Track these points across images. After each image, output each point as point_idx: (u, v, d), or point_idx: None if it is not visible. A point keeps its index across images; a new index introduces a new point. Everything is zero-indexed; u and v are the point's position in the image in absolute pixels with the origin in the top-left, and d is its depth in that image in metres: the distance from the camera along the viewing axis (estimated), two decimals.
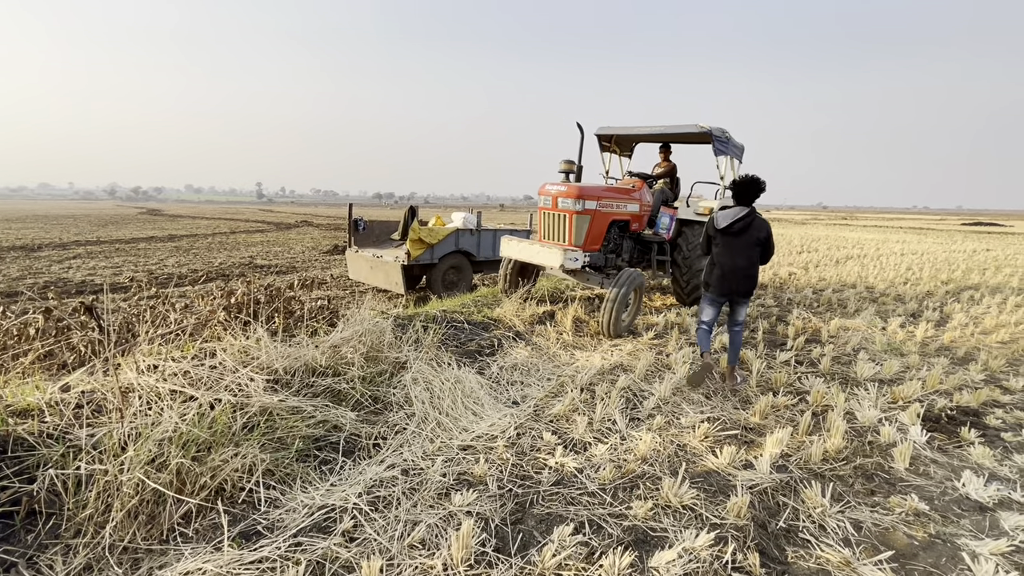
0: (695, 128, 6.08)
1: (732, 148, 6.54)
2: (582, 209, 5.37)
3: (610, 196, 5.79)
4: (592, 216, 5.48)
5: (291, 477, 2.47)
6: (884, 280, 9.27)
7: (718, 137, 6.07)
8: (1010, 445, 3.13)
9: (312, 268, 11.85)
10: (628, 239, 6.35)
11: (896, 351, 4.92)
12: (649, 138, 7.12)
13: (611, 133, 6.95)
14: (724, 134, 6.24)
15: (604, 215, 5.64)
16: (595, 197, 5.52)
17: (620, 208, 5.89)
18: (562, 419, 3.29)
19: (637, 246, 6.57)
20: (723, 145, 6.25)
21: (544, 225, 5.74)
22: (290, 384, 3.01)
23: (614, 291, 5.03)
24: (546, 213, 5.68)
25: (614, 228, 5.97)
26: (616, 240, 6.13)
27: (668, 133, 6.60)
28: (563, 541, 2.09)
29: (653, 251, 6.54)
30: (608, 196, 5.75)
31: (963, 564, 2.09)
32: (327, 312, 4.45)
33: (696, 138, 6.56)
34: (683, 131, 6.25)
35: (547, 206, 5.63)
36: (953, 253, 15.36)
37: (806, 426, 3.20)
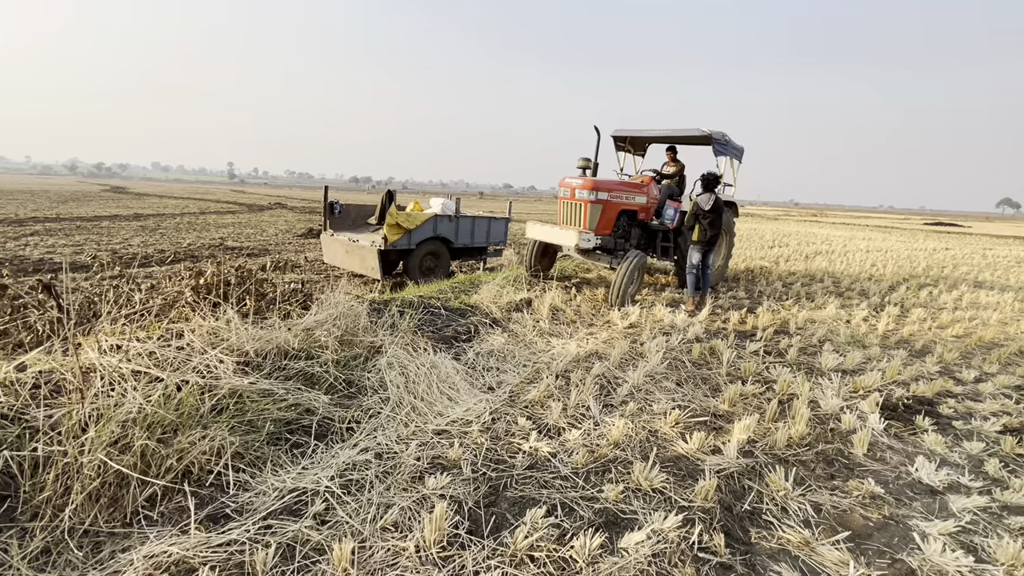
0: (697, 131, 6.91)
1: (731, 150, 7.38)
2: (595, 199, 6.29)
3: (620, 189, 6.66)
4: (604, 205, 6.38)
5: (261, 460, 2.44)
6: (850, 275, 9.58)
7: (717, 140, 6.92)
8: (960, 433, 3.30)
9: (286, 251, 11.58)
10: (636, 227, 7.12)
11: (859, 343, 5.11)
12: (658, 139, 7.95)
13: (625, 135, 7.85)
14: (724, 137, 7.06)
15: (614, 205, 6.51)
16: (607, 189, 6.43)
17: (629, 199, 6.73)
18: (537, 405, 3.31)
19: (644, 233, 7.30)
20: (722, 147, 7.09)
21: (563, 212, 6.71)
22: (261, 367, 2.94)
23: (621, 269, 5.95)
24: (565, 202, 6.62)
25: (623, 217, 6.79)
26: (625, 227, 6.93)
27: (674, 135, 7.44)
28: (535, 523, 2.12)
29: (658, 238, 7.34)
30: (618, 189, 6.63)
31: (914, 544, 2.20)
32: (301, 295, 4.36)
33: (698, 140, 7.36)
34: (687, 134, 7.11)
35: (566, 196, 6.56)
36: (915, 251, 15.97)
37: (772, 413, 3.30)
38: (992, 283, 9.70)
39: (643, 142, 8.28)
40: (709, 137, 6.89)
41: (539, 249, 7.35)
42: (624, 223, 6.88)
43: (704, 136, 6.95)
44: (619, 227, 6.82)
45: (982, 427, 3.34)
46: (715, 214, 6.06)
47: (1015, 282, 10.04)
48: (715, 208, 6.04)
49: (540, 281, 7.07)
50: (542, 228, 6.83)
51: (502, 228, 9.17)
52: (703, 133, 6.88)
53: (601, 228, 6.46)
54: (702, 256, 6.22)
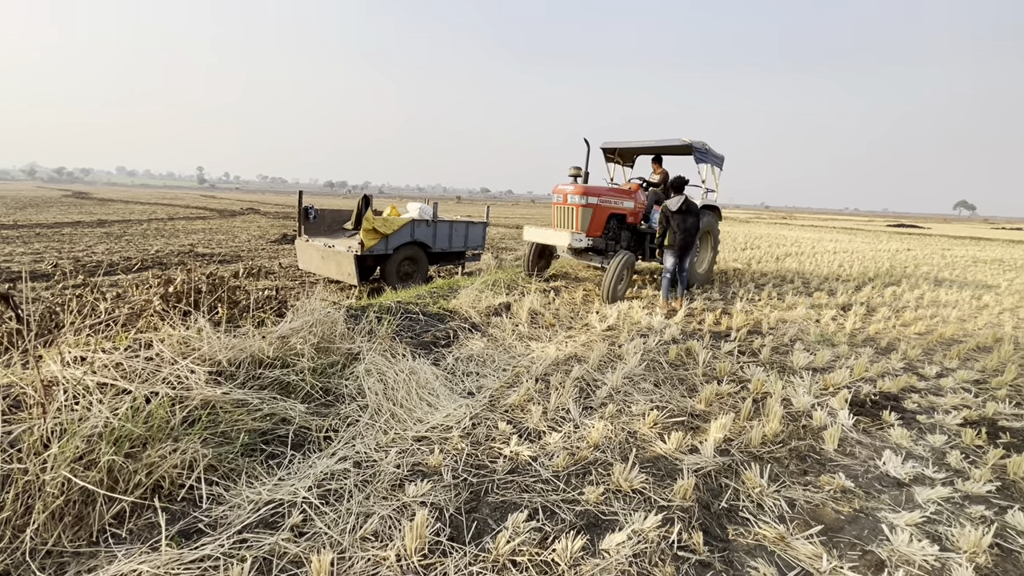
0: (679, 142, 7.44)
1: (712, 158, 7.96)
2: (586, 203, 6.79)
3: (609, 194, 7.17)
4: (594, 209, 6.90)
5: (236, 472, 2.38)
6: (819, 276, 9.88)
7: (698, 149, 7.47)
8: (924, 426, 3.43)
9: (259, 257, 11.33)
10: (625, 230, 7.64)
11: (828, 342, 5.27)
12: (644, 150, 8.43)
13: (614, 147, 8.40)
14: (704, 146, 7.62)
15: (604, 209, 7.04)
16: (597, 194, 6.94)
17: (617, 204, 7.25)
18: (517, 409, 3.31)
19: (633, 236, 7.81)
20: (702, 155, 7.65)
21: (557, 216, 7.22)
22: (235, 376, 2.88)
23: (611, 268, 6.43)
24: (558, 207, 7.15)
25: (613, 220, 7.32)
26: (615, 230, 7.44)
27: (659, 146, 7.96)
28: (517, 527, 2.12)
29: (646, 240, 7.81)
30: (607, 194, 7.15)
31: (883, 535, 2.27)
32: (275, 302, 4.27)
33: (680, 150, 7.85)
34: (670, 144, 7.64)
35: (559, 201, 7.11)
36: (879, 252, 16.56)
37: (747, 412, 3.38)
38: (951, 282, 10.12)
39: (631, 153, 8.74)
40: (690, 147, 7.41)
41: (536, 251, 7.92)
42: (614, 226, 7.39)
43: (685, 146, 7.47)
44: (609, 230, 7.32)
45: (944, 420, 3.48)
46: (685, 216, 6.09)
47: (972, 280, 10.50)
48: (686, 210, 6.09)
49: (533, 280, 7.42)
50: (538, 231, 7.32)
51: (480, 232, 9.17)
52: (684, 143, 7.39)
53: (592, 230, 6.96)
54: (676, 259, 6.28)
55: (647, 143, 8.01)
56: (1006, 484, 2.75)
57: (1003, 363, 4.76)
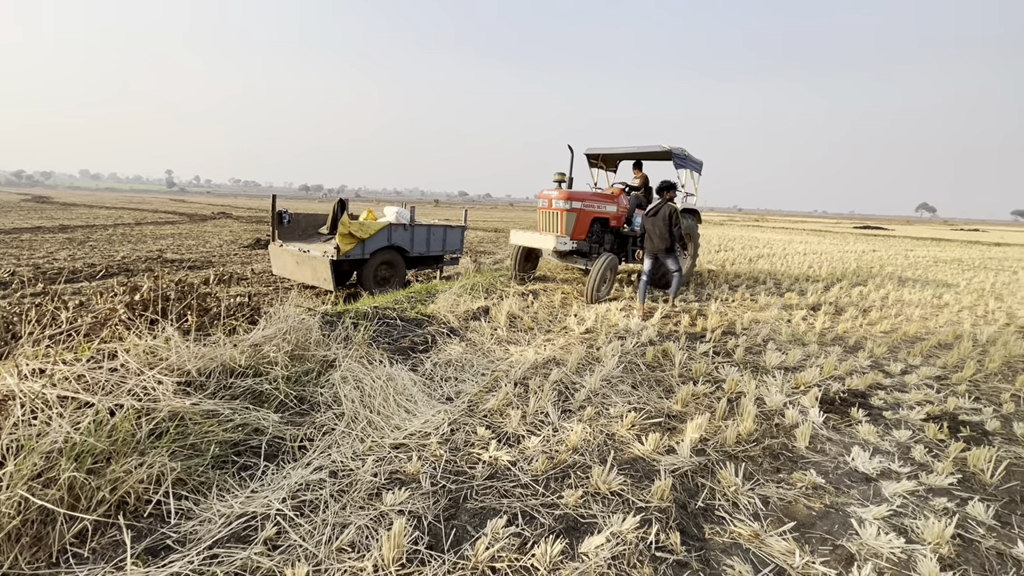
0: (658, 147, 7.74)
1: (691, 163, 8.30)
2: (570, 208, 7.02)
3: (592, 199, 7.42)
4: (578, 214, 7.12)
5: (206, 485, 2.31)
6: (790, 276, 10.15)
7: (677, 154, 7.81)
8: (890, 422, 3.54)
9: (231, 263, 11.07)
10: (609, 233, 7.88)
11: (799, 341, 5.41)
12: (626, 156, 8.75)
13: (597, 152, 8.72)
14: (683, 152, 7.95)
15: (587, 213, 7.27)
16: (580, 199, 7.17)
17: (601, 208, 7.49)
18: (496, 413, 3.31)
19: (616, 239, 8.05)
20: (682, 160, 8.01)
21: (542, 220, 7.44)
22: (205, 386, 2.80)
23: (594, 270, 6.66)
24: (543, 211, 7.36)
25: (596, 224, 7.55)
26: (599, 233, 7.67)
27: (640, 152, 8.30)
28: (496, 534, 2.11)
29: (629, 243, 8.05)
30: (591, 199, 7.39)
31: (852, 529, 2.34)
32: (247, 309, 4.18)
33: (660, 156, 8.20)
34: (651, 150, 7.96)
35: (544, 206, 7.32)
36: (846, 253, 17.09)
37: (722, 412, 3.44)
38: (914, 281, 10.52)
39: (614, 159, 9.07)
40: (670, 152, 7.76)
41: (523, 254, 8.19)
42: (597, 229, 7.63)
43: (665, 152, 7.80)
44: (593, 233, 7.56)
45: (909, 416, 3.60)
46: (654, 220, 6.20)
47: (933, 280, 10.92)
48: (655, 214, 6.20)
49: (512, 284, 7.54)
50: (524, 234, 7.57)
51: (458, 236, 9.14)
52: (664, 149, 7.71)
53: (576, 234, 7.20)
54: (652, 262, 6.44)
55: (629, 149, 8.34)
56: (966, 476, 2.86)
57: (962, 359, 4.96)
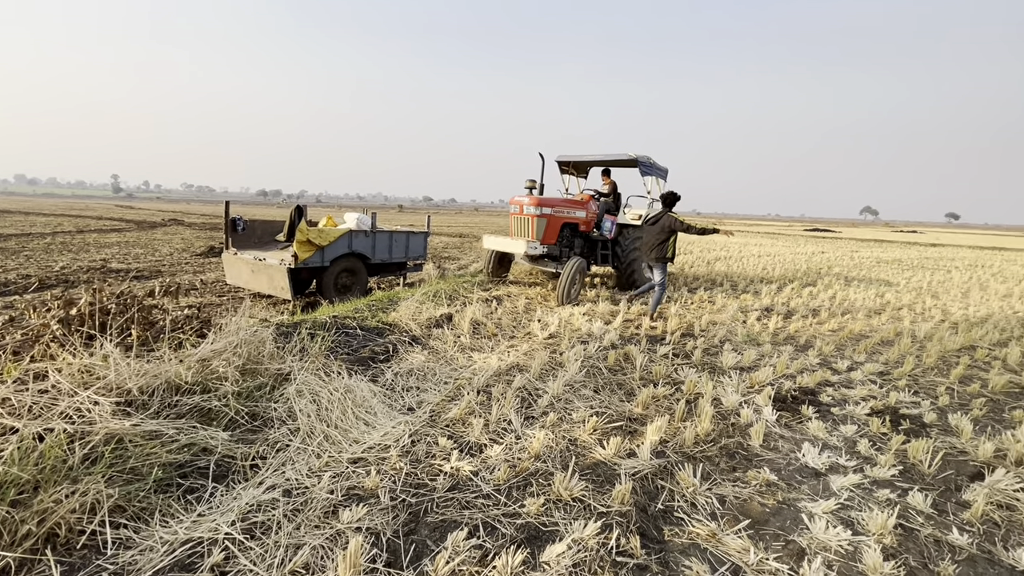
0: (625, 156, 8.19)
1: (656, 170, 8.66)
2: (540, 214, 7.25)
3: (562, 205, 7.73)
4: (548, 219, 7.38)
5: (148, 511, 2.18)
6: (745, 278, 10.52)
7: (643, 162, 8.20)
8: (837, 418, 3.70)
9: (183, 272, 10.58)
10: (578, 237, 8.24)
11: (754, 342, 5.60)
12: (595, 163, 9.12)
13: (568, 160, 8.98)
14: (648, 160, 8.34)
15: (557, 218, 7.54)
16: (550, 205, 7.45)
17: (570, 214, 7.80)
18: (458, 423, 3.27)
19: (586, 243, 8.42)
20: (647, 168, 8.38)
21: (514, 225, 7.66)
22: (147, 405, 2.65)
23: (564, 273, 6.94)
24: (515, 217, 7.58)
25: (566, 228, 7.86)
26: (569, 238, 8.02)
27: (608, 160, 8.69)
28: (457, 547, 2.08)
29: (598, 247, 8.47)
30: (561, 205, 7.69)
31: (803, 524, 2.42)
32: (197, 322, 3.98)
33: (627, 163, 8.53)
34: (618, 158, 8.39)
35: (516, 212, 7.54)
36: (797, 255, 17.87)
37: (681, 413, 3.51)
38: (859, 281, 11.08)
39: (584, 166, 9.43)
40: (635, 160, 8.16)
41: (496, 258, 8.52)
42: (567, 234, 7.97)
43: (631, 160, 8.20)
44: (563, 237, 7.89)
45: (854, 411, 3.78)
46: (656, 229, 6.29)
47: (876, 279, 11.55)
48: (658, 223, 6.28)
49: (475, 290, 7.50)
50: (496, 239, 7.85)
51: (421, 242, 9.03)
52: (630, 157, 8.14)
53: (547, 238, 7.45)
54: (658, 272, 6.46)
55: (597, 156, 8.69)
56: (907, 467, 3.01)
57: (903, 355, 5.25)
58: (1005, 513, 2.59)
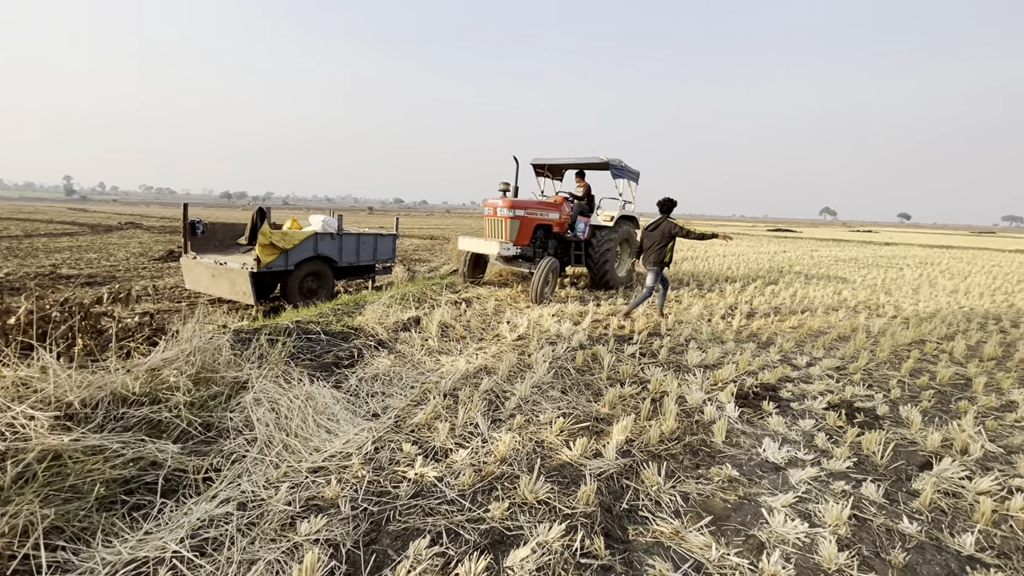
0: (597, 159, 8.40)
1: (627, 173, 8.99)
2: (513, 216, 7.45)
3: (535, 207, 7.92)
4: (521, 221, 7.57)
5: (89, 531, 2.05)
6: (711, 277, 10.77)
7: (614, 165, 8.48)
8: (796, 412, 3.81)
9: (139, 278, 10.14)
10: (552, 238, 8.43)
11: (718, 340, 5.72)
12: (568, 166, 9.34)
13: (543, 162, 9.26)
14: (620, 163, 8.63)
15: (530, 220, 7.74)
16: (523, 207, 7.66)
17: (543, 216, 7.99)
18: (424, 428, 3.22)
19: (559, 244, 8.62)
20: (619, 171, 8.68)
21: (488, 227, 7.85)
22: (90, 418, 2.51)
23: (537, 272, 7.12)
24: (489, 219, 7.77)
25: (539, 230, 8.08)
26: (542, 239, 8.23)
27: (581, 163, 8.88)
28: (419, 555, 2.04)
29: (571, 248, 8.66)
30: (534, 207, 7.88)
31: (763, 519, 2.47)
32: (148, 329, 3.81)
33: (599, 166, 8.73)
34: (590, 161, 8.59)
35: (489, 214, 7.72)
36: (760, 254, 18.40)
37: (646, 412, 3.55)
38: (818, 279, 11.48)
39: (558, 168, 9.66)
40: (607, 164, 8.40)
41: (472, 259, 8.62)
42: (541, 235, 8.18)
43: (603, 163, 8.43)
44: (536, 239, 8.10)
45: (812, 406, 3.89)
46: (656, 235, 6.38)
47: (834, 277, 11.99)
48: (658, 228, 6.38)
49: (444, 292, 7.48)
50: (471, 241, 7.99)
51: (390, 245, 8.91)
52: (602, 161, 8.37)
53: (520, 240, 7.63)
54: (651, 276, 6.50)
55: (570, 159, 8.90)
56: (861, 459, 3.12)
57: (858, 350, 5.45)
58: (951, 500, 2.71)
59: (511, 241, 7.48)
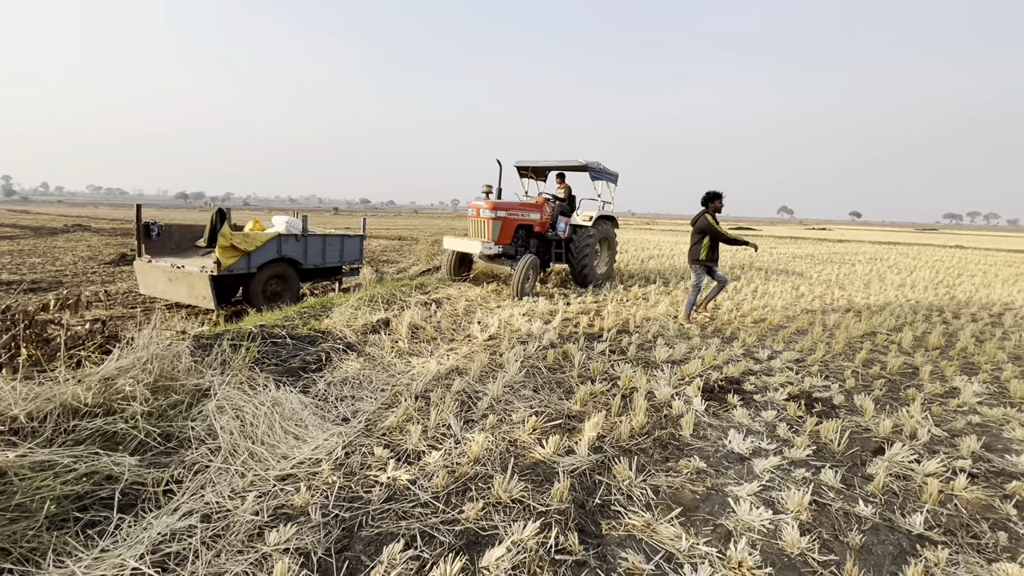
0: (576, 162, 8.86)
1: (606, 175, 9.40)
2: (495, 216, 7.85)
3: (516, 208, 8.33)
4: (503, 221, 7.97)
5: (39, 552, 1.94)
6: (676, 275, 11.02)
7: (592, 167, 8.90)
8: (759, 404, 3.94)
9: (88, 283, 9.62)
10: (534, 237, 8.87)
11: (685, 336, 5.86)
12: (550, 168, 9.83)
13: (527, 165, 9.77)
14: (599, 165, 9.04)
15: (512, 220, 8.16)
16: (505, 208, 8.06)
17: (524, 216, 8.41)
18: (395, 431, 3.18)
19: (541, 243, 9.05)
20: (597, 173, 9.13)
21: (472, 227, 8.30)
22: (38, 432, 2.37)
23: (518, 269, 7.61)
24: (472, 220, 8.23)
25: (521, 230, 8.49)
26: (524, 238, 8.63)
27: (561, 165, 9.38)
28: (393, 560, 2.01)
29: (552, 246, 9.10)
30: (515, 208, 8.29)
31: (730, 508, 2.55)
32: (100, 337, 3.62)
33: (579, 168, 9.22)
34: (570, 164, 9.09)
35: (473, 215, 8.18)
36: (723, 252, 18.94)
37: (617, 408, 3.60)
38: (777, 274, 11.92)
39: (541, 171, 10.14)
40: (586, 166, 8.84)
41: (457, 258, 8.88)
42: (522, 235, 8.58)
43: (581, 165, 8.90)
44: (518, 238, 8.47)
45: (774, 397, 4.04)
46: (695, 230, 6.40)
47: (792, 272, 12.47)
48: (696, 224, 6.40)
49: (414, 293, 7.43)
50: (455, 240, 8.43)
51: (357, 246, 8.76)
52: (580, 163, 8.83)
53: (502, 239, 8.02)
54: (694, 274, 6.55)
55: (552, 162, 9.38)
56: (820, 447, 3.26)
57: (815, 343, 5.69)
58: (902, 483, 2.86)
59: (493, 240, 7.88)
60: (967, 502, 2.70)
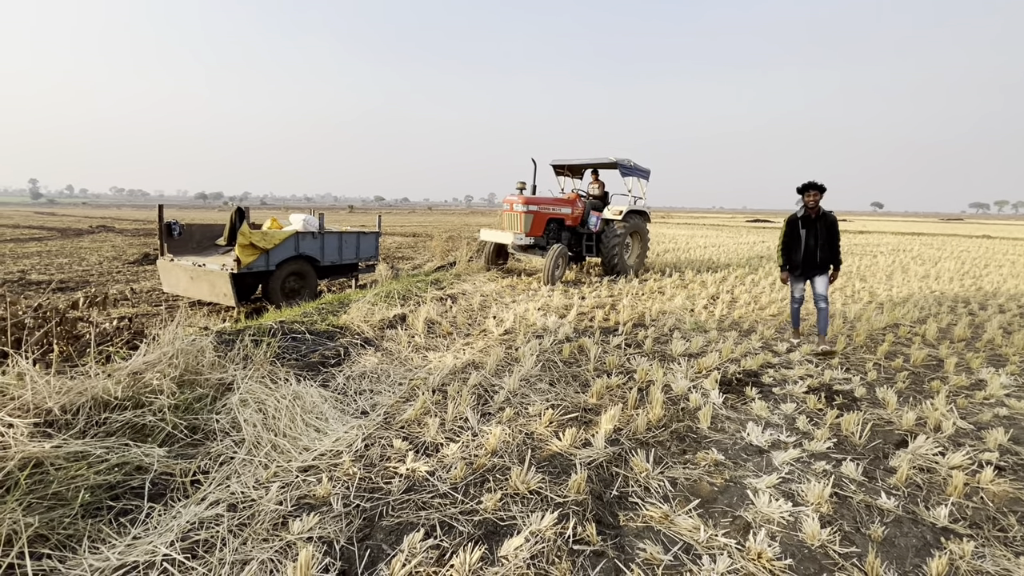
0: (607, 159, 9.43)
1: (636, 171, 9.94)
2: (527, 210, 8.63)
3: (548, 203, 9.11)
4: (534, 215, 8.74)
5: (75, 538, 2.02)
6: (692, 268, 10.92)
7: (623, 164, 9.45)
8: (778, 397, 3.90)
9: (114, 282, 9.89)
10: (565, 231, 9.60)
11: (701, 329, 5.82)
12: (584, 166, 10.44)
13: (562, 163, 10.50)
14: (630, 162, 9.60)
15: (543, 215, 8.93)
16: (536, 203, 8.86)
17: (556, 211, 9.20)
18: (414, 423, 3.22)
19: (572, 236, 9.79)
20: (627, 170, 9.66)
21: (506, 220, 9.05)
22: (71, 424, 2.45)
23: (548, 258, 8.24)
24: (506, 213, 9.02)
25: (552, 223, 9.21)
26: (555, 231, 9.34)
27: (593, 162, 9.97)
28: (413, 549, 2.05)
29: (583, 239, 9.83)
30: (546, 203, 9.08)
31: (749, 500, 2.54)
32: (128, 333, 3.73)
33: (610, 166, 9.76)
34: (602, 161, 9.65)
35: (507, 209, 8.98)
36: (740, 245, 18.72)
37: (633, 401, 3.60)
38: None
39: (576, 168, 10.74)
40: (616, 163, 9.37)
41: (494, 249, 9.81)
42: (554, 228, 9.27)
43: (612, 163, 9.43)
44: (549, 230, 9.20)
45: (793, 390, 3.99)
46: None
47: None
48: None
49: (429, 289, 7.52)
50: (491, 232, 9.23)
51: (372, 243, 8.85)
52: (611, 161, 9.37)
53: (533, 231, 8.75)
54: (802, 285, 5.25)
55: (584, 160, 10.02)
56: (840, 440, 3.22)
57: (836, 335, 5.60)
58: (926, 476, 2.82)
59: (524, 232, 8.59)
60: (994, 495, 2.64)
